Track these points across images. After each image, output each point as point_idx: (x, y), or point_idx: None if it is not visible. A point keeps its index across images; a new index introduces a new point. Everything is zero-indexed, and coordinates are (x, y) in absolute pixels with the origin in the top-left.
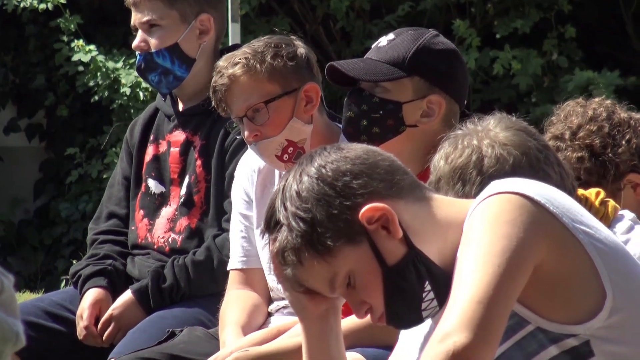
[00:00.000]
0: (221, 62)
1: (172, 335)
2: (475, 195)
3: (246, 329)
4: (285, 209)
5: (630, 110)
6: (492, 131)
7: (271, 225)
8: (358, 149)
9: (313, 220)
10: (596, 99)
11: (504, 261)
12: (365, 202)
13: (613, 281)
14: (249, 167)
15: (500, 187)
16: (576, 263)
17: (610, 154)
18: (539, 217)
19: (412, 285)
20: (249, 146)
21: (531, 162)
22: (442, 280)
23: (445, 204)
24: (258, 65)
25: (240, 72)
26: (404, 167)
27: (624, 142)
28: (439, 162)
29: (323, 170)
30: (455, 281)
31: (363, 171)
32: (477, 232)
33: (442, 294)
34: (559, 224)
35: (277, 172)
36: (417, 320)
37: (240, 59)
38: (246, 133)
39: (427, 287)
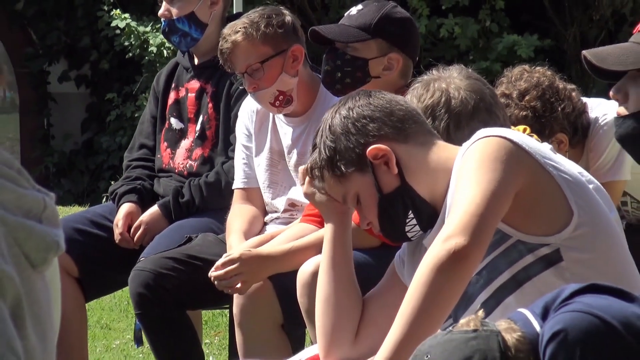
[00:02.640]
0: (226, 30)
1: (190, 239)
2: (442, 129)
3: (247, 235)
4: (321, 136)
5: (550, 68)
6: (456, 78)
7: (312, 145)
8: (383, 98)
9: (335, 149)
10: (539, 69)
11: (492, 186)
12: (375, 142)
13: (577, 203)
14: (249, 109)
15: (486, 133)
16: (548, 190)
17: (548, 116)
18: (517, 154)
19: (398, 213)
20: (249, 94)
21: (486, 105)
22: (425, 212)
23: (441, 149)
24: (254, 33)
25: (240, 39)
26: (417, 117)
27: (559, 109)
28: (412, 100)
29: (350, 112)
30: (454, 201)
31: (380, 117)
32: (471, 166)
33: (425, 222)
34: (533, 160)
35: (270, 113)
36: (404, 238)
37: (240, 28)
38: (247, 85)
39: (411, 215)
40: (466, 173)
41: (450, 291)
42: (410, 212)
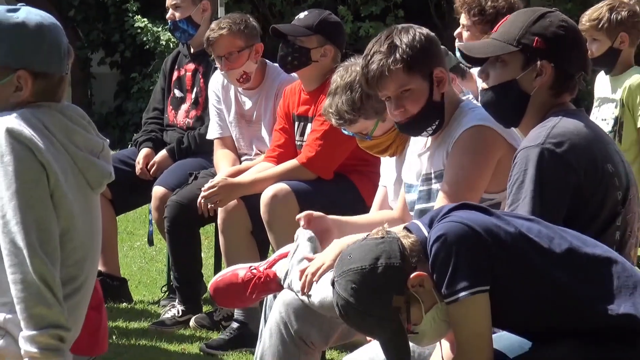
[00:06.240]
0: (213, 25)
1: (191, 175)
2: (357, 98)
3: (229, 167)
4: (400, 43)
5: None
6: None
7: (386, 43)
8: (429, 36)
9: (415, 55)
10: None
11: (476, 171)
12: (440, 66)
13: None
14: (216, 82)
15: (476, 122)
16: (507, 162)
17: None
18: (495, 139)
19: (432, 116)
20: (221, 73)
21: None
22: (441, 125)
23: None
24: (235, 29)
25: (225, 32)
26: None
27: None
28: (337, 79)
29: (427, 36)
30: (449, 173)
31: (440, 49)
32: (463, 151)
33: (438, 130)
34: (505, 142)
35: (232, 86)
36: (417, 135)
37: (225, 24)
38: (222, 66)
39: (437, 122)
40: (458, 155)
41: None
42: (437, 121)
